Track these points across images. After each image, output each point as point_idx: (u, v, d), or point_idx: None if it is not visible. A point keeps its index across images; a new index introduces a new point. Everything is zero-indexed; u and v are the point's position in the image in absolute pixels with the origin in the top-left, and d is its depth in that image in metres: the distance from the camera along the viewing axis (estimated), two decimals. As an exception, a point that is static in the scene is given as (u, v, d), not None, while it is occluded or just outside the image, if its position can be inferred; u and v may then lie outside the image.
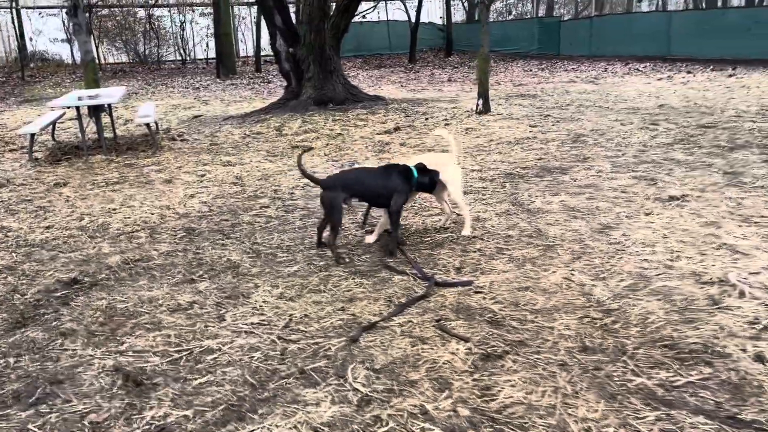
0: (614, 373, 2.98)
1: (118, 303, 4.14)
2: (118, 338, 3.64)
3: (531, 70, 22.25)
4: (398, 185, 4.75)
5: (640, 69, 20.13)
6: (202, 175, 8.14)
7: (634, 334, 3.34)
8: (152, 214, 6.35)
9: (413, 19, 28.85)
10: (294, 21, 13.85)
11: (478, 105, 11.91)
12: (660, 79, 16.64)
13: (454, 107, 13.19)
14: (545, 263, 4.41)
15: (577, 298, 3.82)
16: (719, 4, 33.62)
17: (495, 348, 3.27)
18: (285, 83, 14.36)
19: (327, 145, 9.95)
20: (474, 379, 3.00)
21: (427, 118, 11.94)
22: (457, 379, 3.01)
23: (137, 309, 4.04)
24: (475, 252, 4.74)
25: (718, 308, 3.57)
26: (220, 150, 10.05)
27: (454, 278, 4.25)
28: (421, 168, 4.85)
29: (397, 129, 10.93)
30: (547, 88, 16.01)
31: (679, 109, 11.33)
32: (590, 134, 9.26)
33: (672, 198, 5.72)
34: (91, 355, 3.44)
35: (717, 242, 4.59)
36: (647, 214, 5.33)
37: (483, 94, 11.84)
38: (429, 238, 5.15)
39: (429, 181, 4.86)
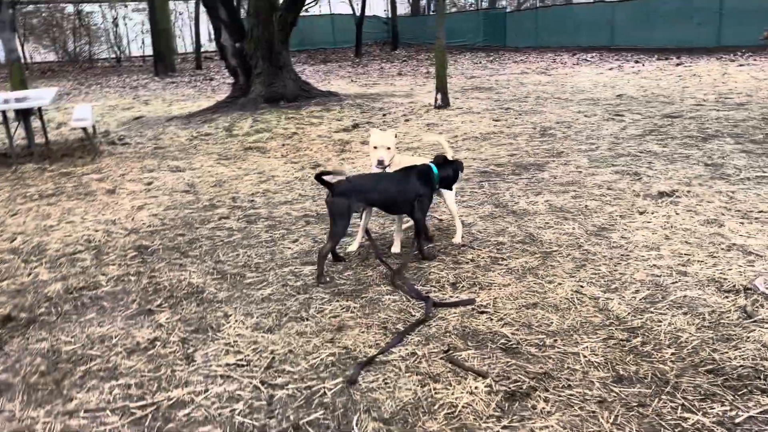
0: (663, 410, 2.58)
1: (63, 344, 3.52)
2: (64, 393, 3.02)
3: (480, 63, 22.05)
4: (419, 189, 4.27)
5: (588, 59, 20.18)
6: (149, 183, 7.44)
7: (670, 357, 2.96)
8: (96, 230, 5.67)
9: (358, 13, 28.31)
10: (240, 14, 13.12)
11: (436, 99, 11.50)
12: (611, 69, 16.64)
13: (410, 102, 12.75)
14: (548, 274, 4.00)
15: (593, 315, 3.42)
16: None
17: (519, 384, 2.83)
18: (230, 80, 13.64)
19: (283, 145, 9.35)
20: (504, 427, 2.54)
21: (384, 114, 11.47)
22: (483, 427, 2.55)
23: (87, 351, 3.42)
24: (468, 263, 4.29)
25: (754, 322, 3.22)
26: (167, 154, 9.32)
27: (452, 296, 3.79)
28: (440, 161, 4.38)
29: (355, 126, 10.42)
30: (501, 81, 15.77)
31: (639, 98, 11.20)
32: (557, 127, 8.97)
33: (662, 194, 5.43)
34: (32, 418, 2.82)
35: (724, 242, 4.28)
36: (641, 213, 5.00)
37: (441, 88, 11.45)
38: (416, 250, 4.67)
39: (453, 172, 4.44)
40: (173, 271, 4.58)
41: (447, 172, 4.41)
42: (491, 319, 3.46)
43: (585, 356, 3.01)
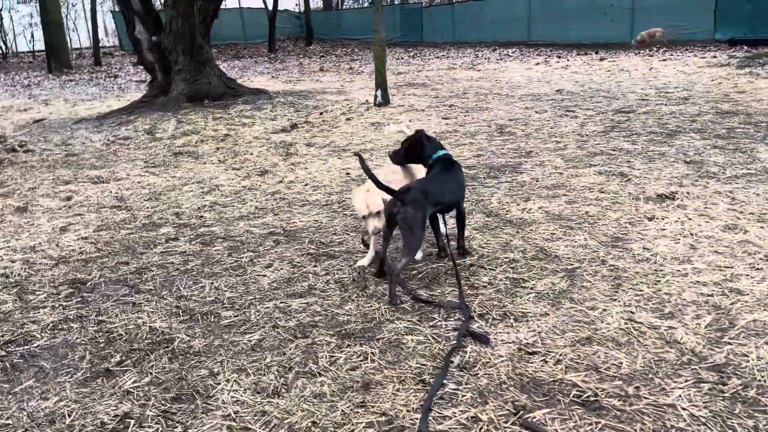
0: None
1: (-1, 432, 2.63)
2: None
3: (402, 58, 21.62)
4: (464, 183, 4.05)
5: (509, 54, 20.20)
6: (69, 198, 6.39)
7: (782, 403, 2.48)
8: (12, 261, 4.67)
9: (270, 7, 27.20)
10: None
11: (376, 96, 10.88)
12: (537, 64, 16.62)
13: (345, 100, 12.06)
14: (584, 297, 3.48)
15: (664, 350, 2.92)
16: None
17: (625, 454, 2.25)
18: (138, 77, 12.42)
19: (217, 149, 8.44)
20: None
21: (321, 113, 10.72)
22: None
23: (34, 441, 2.56)
24: (486, 287, 3.71)
25: None
26: (82, 162, 8.19)
27: (485, 330, 3.20)
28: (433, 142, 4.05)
29: (294, 127, 9.62)
30: (432, 76, 15.37)
31: (579, 93, 11.06)
32: (512, 125, 8.58)
33: (661, 196, 5.07)
34: None
35: (759, 252, 3.93)
36: (650, 219, 4.60)
37: (381, 85, 10.85)
38: (415, 270, 4.04)
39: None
40: (126, 312, 3.71)
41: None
42: (546, 362, 2.89)
43: (685, 409, 2.48)
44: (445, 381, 2.78)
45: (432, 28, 26.75)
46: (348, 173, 6.65)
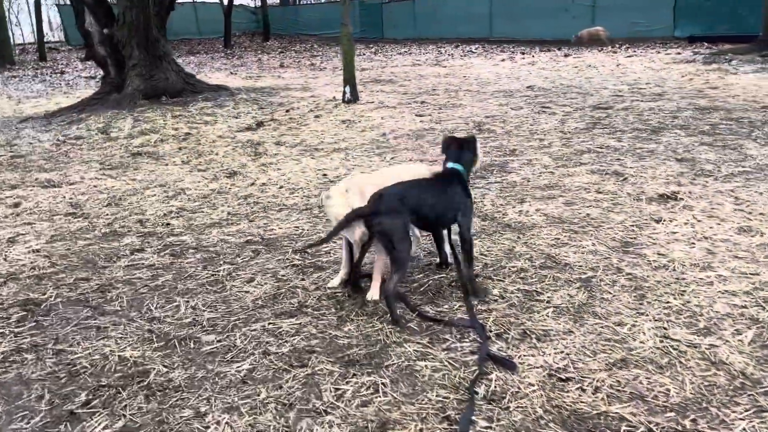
0: None
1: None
2: None
3: (364, 54, 21.20)
4: (463, 200, 3.40)
5: (473, 51, 20.02)
6: (17, 205, 5.80)
7: None
8: (-46, 278, 4.10)
9: (225, 2, 26.41)
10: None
11: (344, 93, 10.46)
12: (503, 60, 16.45)
13: (312, 96, 11.60)
14: (608, 312, 3.17)
15: (712, 373, 2.62)
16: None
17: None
18: (86, 73, 11.71)
19: (179, 149, 7.90)
20: None
21: (287, 110, 10.25)
22: None
23: None
24: (497, 301, 3.36)
25: None
26: (30, 164, 7.54)
27: (505, 353, 2.85)
28: (452, 145, 3.52)
29: (260, 125, 9.13)
30: (398, 73, 15.02)
31: (551, 90, 10.86)
32: (489, 122, 8.29)
33: (663, 197, 4.82)
34: None
35: (780, 256, 3.68)
36: (658, 222, 4.34)
37: (350, 81, 10.43)
38: (416, 282, 3.67)
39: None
40: (89, 339, 3.23)
41: (468, 157, 3.52)
42: (583, 390, 2.55)
43: (755, 446, 2.17)
44: (473, 417, 2.41)
45: (392, 24, 26.41)
46: (325, 174, 6.23)
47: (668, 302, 3.22)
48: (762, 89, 9.32)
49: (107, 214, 5.38)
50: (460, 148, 3.53)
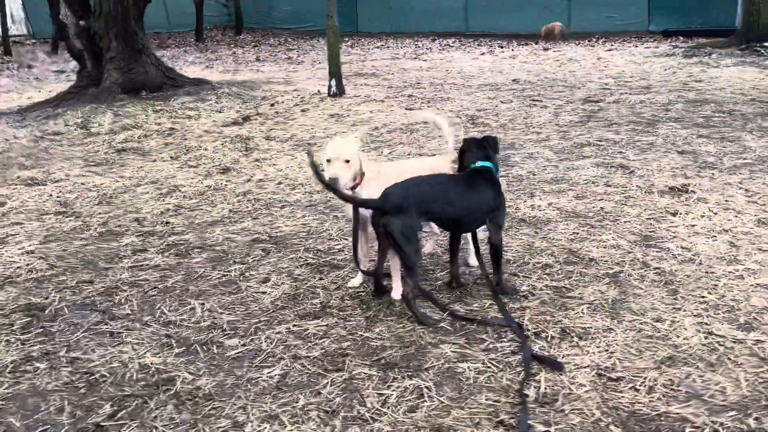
0: None
1: None
2: None
3: (340, 48, 20.95)
4: (494, 199, 3.21)
5: (451, 45, 19.96)
6: (2, 204, 5.52)
7: None
8: (-55, 283, 3.87)
9: (197, -7, 25.84)
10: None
11: (330, 87, 10.29)
12: (483, 54, 16.42)
13: (295, 90, 11.39)
14: (644, 307, 3.11)
15: (766, 369, 2.56)
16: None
17: None
18: (57, 68, 11.33)
19: (166, 145, 7.66)
20: None
21: (272, 104, 10.03)
22: None
23: None
24: (527, 297, 3.28)
25: None
26: (9, 162, 7.22)
27: (547, 352, 2.77)
28: (479, 150, 3.33)
29: (246, 119, 8.92)
30: (379, 66, 14.86)
31: (537, 83, 10.84)
32: (482, 115, 8.22)
33: (674, 189, 4.80)
34: None
35: (803, 248, 3.67)
36: (674, 215, 4.31)
37: (335, 74, 10.26)
38: (440, 281, 3.56)
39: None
40: (104, 346, 3.05)
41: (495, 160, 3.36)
42: (636, 390, 2.48)
43: (825, 444, 2.12)
44: (530, 421, 2.31)
45: (367, 18, 26.18)
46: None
47: (703, 297, 3.17)
48: (746, 82, 9.43)
49: (100, 213, 5.16)
50: (483, 147, 3.38)
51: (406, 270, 3.10)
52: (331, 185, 3.20)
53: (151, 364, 2.88)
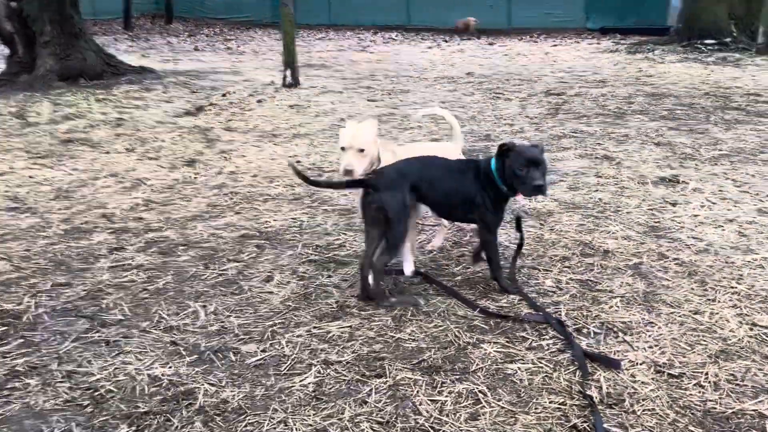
0: None
1: None
2: None
3: (281, 40, 20.47)
4: (476, 195, 3.05)
5: (394, 38, 19.85)
6: (-59, 200, 4.96)
7: None
8: None
9: (124, -21, 24.67)
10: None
11: (285, 77, 9.94)
12: (430, 48, 16.38)
13: (245, 80, 10.96)
14: (678, 300, 3.05)
15: (817, 359, 2.51)
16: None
17: None
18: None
19: (117, 136, 7.13)
20: None
21: (224, 94, 9.58)
22: None
23: None
24: (554, 292, 3.15)
25: None
26: (-60, 153, 6.52)
27: (594, 348, 2.64)
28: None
29: (200, 109, 8.46)
30: (326, 57, 14.56)
31: (492, 77, 10.85)
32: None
33: (665, 180, 4.81)
34: None
35: (810, 237, 3.71)
36: (674, 205, 4.31)
37: (290, 65, 9.92)
38: (459, 276, 3.38)
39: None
40: (102, 356, 2.71)
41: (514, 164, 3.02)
42: (701, 386, 2.38)
43: None
44: (605, 425, 2.16)
45: (306, 9, 25.66)
46: (299, 161, 5.79)
47: (733, 288, 3.13)
48: (695, 77, 9.72)
49: (60, 209, 4.69)
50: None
51: (388, 246, 3.01)
52: (313, 182, 3.22)
53: (163, 375, 2.56)
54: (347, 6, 24.22)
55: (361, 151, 3.13)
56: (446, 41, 18.03)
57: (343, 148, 3.17)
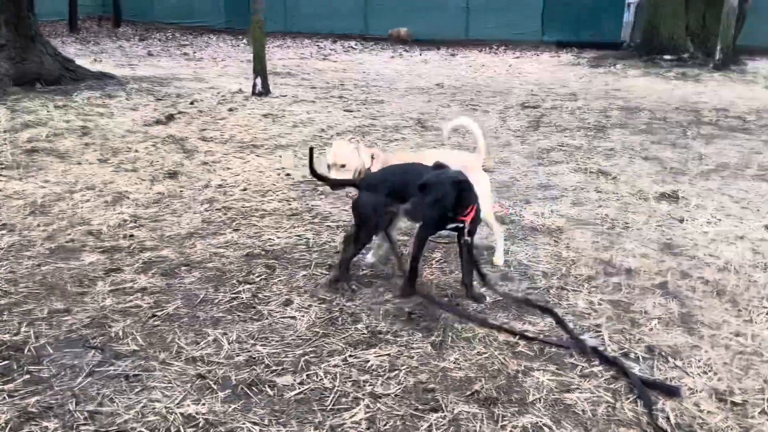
0: None
1: None
2: None
3: (238, 46, 20.10)
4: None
5: (353, 47, 19.75)
6: None
7: None
8: None
9: (71, -20, 23.77)
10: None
11: (256, 85, 9.68)
12: (393, 57, 16.36)
13: (211, 88, 10.63)
14: (716, 321, 3.03)
15: None
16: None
17: None
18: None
19: (86, 146, 6.76)
20: None
21: (191, 102, 9.25)
22: None
23: None
24: (589, 314, 3.07)
25: None
26: None
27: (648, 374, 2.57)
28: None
29: (170, 118, 8.13)
30: (290, 66, 14.32)
31: (463, 88, 10.87)
32: (428, 118, 8.06)
33: (666, 195, 4.85)
34: None
35: (820, 254, 3.76)
36: (681, 221, 4.31)
37: (261, 72, 9.67)
38: (491, 299, 3.27)
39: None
40: (125, 393, 2.49)
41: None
42: (767, 414, 2.32)
43: None
44: (685, 459, 2.08)
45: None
46: (288, 174, 5.59)
47: (765, 307, 3.12)
48: (661, 92, 9.97)
49: (39, 226, 4.36)
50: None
51: (355, 243, 3.29)
52: (318, 176, 3.46)
53: (197, 414, 2.35)
54: (305, 14, 23.99)
55: (343, 166, 3.46)
56: (407, 51, 18.04)
57: (328, 166, 3.52)
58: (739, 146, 6.46)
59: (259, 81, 9.65)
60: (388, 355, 2.74)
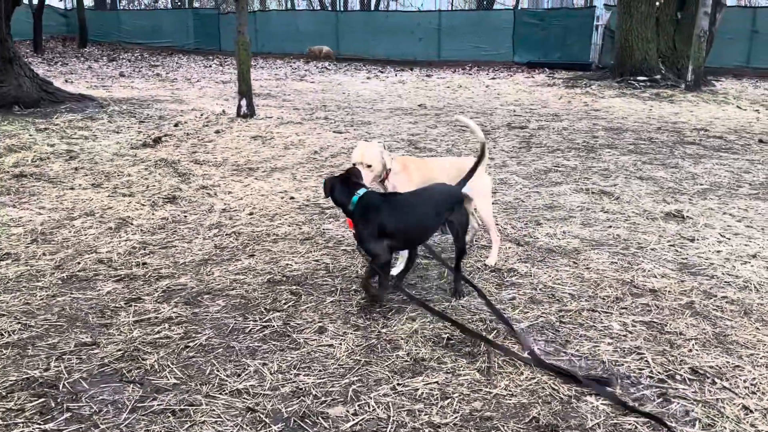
0: None
1: None
2: None
3: (210, 67, 19.99)
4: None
5: (327, 67, 19.81)
6: None
7: None
8: None
9: (35, 1, 23.41)
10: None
11: (241, 107, 9.61)
12: (369, 78, 16.43)
13: (193, 110, 10.52)
14: (751, 342, 3.09)
15: None
16: (381, 5, 35.43)
17: None
18: None
19: (75, 170, 6.61)
20: None
21: (176, 125, 9.14)
22: None
23: None
24: (625, 337, 3.10)
25: None
26: None
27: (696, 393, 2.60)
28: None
29: (158, 141, 8.01)
30: (268, 86, 14.29)
31: (445, 108, 10.98)
32: (419, 140, 8.09)
33: (671, 215, 4.95)
34: None
35: (831, 271, 3.88)
36: (692, 241, 4.40)
37: (246, 93, 9.61)
38: (519, 322, 3.28)
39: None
40: (173, 429, 2.40)
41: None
42: (819, 431, 2.37)
43: None
44: (757, 480, 2.10)
45: (230, 36, 25.26)
46: (292, 197, 5.55)
47: (796, 326, 3.19)
48: (639, 112, 10.22)
49: (44, 254, 4.23)
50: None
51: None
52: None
53: (255, 450, 2.28)
54: (275, 35, 24.03)
55: (369, 166, 3.54)
56: (381, 71, 18.17)
57: (353, 164, 3.53)
58: (728, 166, 6.65)
59: (244, 102, 9.59)
60: (437, 382, 2.72)
